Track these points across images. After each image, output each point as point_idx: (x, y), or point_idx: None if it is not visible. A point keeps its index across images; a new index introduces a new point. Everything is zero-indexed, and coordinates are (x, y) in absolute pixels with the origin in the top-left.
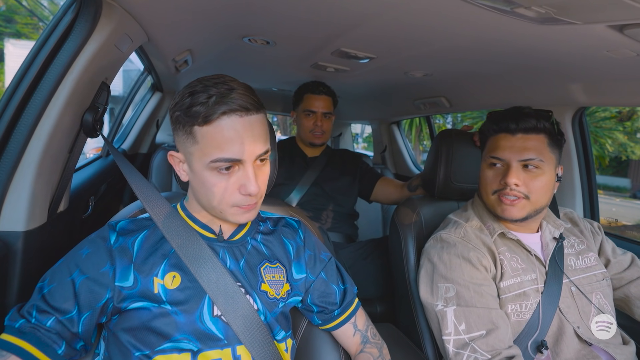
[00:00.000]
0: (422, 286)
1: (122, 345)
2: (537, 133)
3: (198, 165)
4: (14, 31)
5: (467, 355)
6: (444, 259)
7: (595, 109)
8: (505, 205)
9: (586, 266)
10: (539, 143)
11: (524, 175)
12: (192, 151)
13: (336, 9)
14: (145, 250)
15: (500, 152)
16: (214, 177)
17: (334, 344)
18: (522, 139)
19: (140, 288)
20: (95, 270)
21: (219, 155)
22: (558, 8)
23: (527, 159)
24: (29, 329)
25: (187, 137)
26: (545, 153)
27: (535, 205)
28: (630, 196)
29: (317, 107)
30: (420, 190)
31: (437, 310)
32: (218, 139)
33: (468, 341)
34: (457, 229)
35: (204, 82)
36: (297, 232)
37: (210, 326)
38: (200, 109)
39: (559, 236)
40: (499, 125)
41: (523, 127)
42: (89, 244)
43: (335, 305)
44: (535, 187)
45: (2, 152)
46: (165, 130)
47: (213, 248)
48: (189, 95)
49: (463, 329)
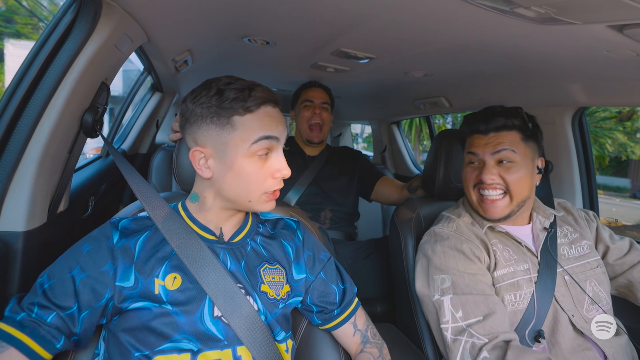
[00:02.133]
0: (418, 280)
1: (121, 345)
2: (508, 130)
3: (234, 153)
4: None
5: (465, 341)
6: (438, 251)
7: (595, 109)
8: (486, 205)
9: (579, 254)
10: (512, 139)
11: (498, 169)
12: (227, 141)
13: (336, 9)
14: (146, 251)
15: (474, 148)
16: (251, 164)
17: (334, 344)
18: (494, 136)
19: (141, 288)
20: (96, 269)
21: (261, 134)
22: (558, 8)
23: (498, 151)
24: (29, 323)
25: (222, 129)
26: (518, 147)
27: (516, 198)
28: (630, 196)
29: (315, 97)
30: (421, 191)
31: (434, 300)
32: (259, 122)
33: (465, 327)
34: (450, 223)
35: (222, 80)
36: (295, 233)
37: (211, 327)
38: (238, 101)
39: (549, 226)
40: (472, 126)
41: (493, 127)
42: (91, 240)
43: (335, 305)
44: (511, 180)
45: (2, 152)
46: (165, 131)
47: (213, 250)
48: (216, 92)
49: (460, 316)
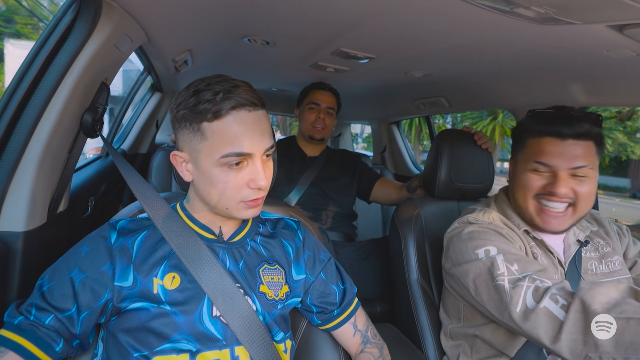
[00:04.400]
0: (456, 259)
1: (120, 346)
2: (587, 139)
3: (206, 162)
4: (14, 31)
5: (527, 286)
6: (476, 231)
7: (595, 108)
8: (547, 217)
9: (609, 271)
10: (589, 150)
11: (571, 182)
12: (199, 148)
13: (336, 9)
14: (144, 250)
15: (547, 157)
16: (222, 173)
17: (333, 344)
18: (573, 145)
19: (140, 288)
20: (95, 269)
21: (230, 149)
22: (558, 8)
23: (577, 167)
24: (27, 326)
25: (194, 135)
26: (594, 160)
27: (581, 212)
28: (630, 196)
29: (321, 101)
30: (420, 191)
31: (484, 260)
32: (228, 133)
33: (523, 277)
34: (485, 214)
35: (206, 80)
36: (296, 233)
37: (210, 327)
38: (208, 105)
39: (583, 239)
40: (547, 127)
41: (575, 133)
42: (89, 242)
43: (335, 305)
44: (583, 194)
45: (2, 152)
46: (165, 131)
47: (213, 249)
48: (193, 93)
49: (516, 268)
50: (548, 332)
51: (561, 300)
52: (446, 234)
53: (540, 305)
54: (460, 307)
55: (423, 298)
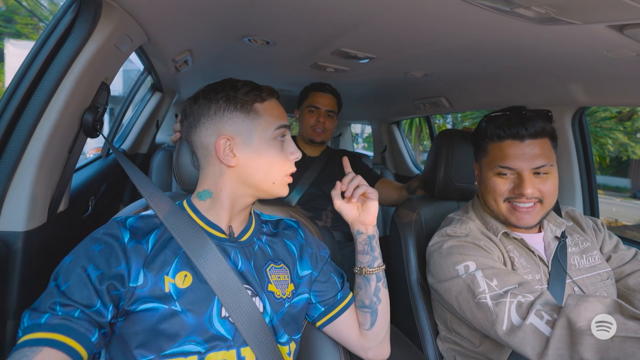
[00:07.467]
0: (437, 276)
1: (126, 348)
2: (543, 137)
3: (261, 137)
4: (14, 31)
5: (509, 302)
6: (455, 246)
7: (595, 109)
8: (519, 214)
9: (590, 265)
10: (546, 147)
11: (536, 181)
12: (253, 126)
13: (336, 9)
14: (156, 248)
15: (510, 161)
16: (274, 147)
17: (334, 344)
18: (531, 144)
19: (151, 286)
20: (110, 268)
21: (280, 121)
22: (558, 8)
23: (538, 167)
24: (57, 321)
25: (247, 115)
26: (551, 156)
27: (547, 208)
28: (631, 196)
29: (321, 104)
30: (420, 192)
31: (464, 277)
32: (274, 112)
33: (504, 292)
34: (463, 224)
35: (224, 81)
36: (297, 232)
37: (219, 328)
38: (255, 91)
39: (560, 235)
40: (505, 131)
41: (531, 132)
42: (100, 241)
43: (337, 290)
44: (547, 191)
45: (2, 152)
46: (165, 131)
47: (225, 248)
48: (231, 87)
49: (496, 284)
50: (535, 348)
51: (546, 316)
52: (428, 247)
53: (526, 322)
54: (447, 317)
55: (423, 298)
